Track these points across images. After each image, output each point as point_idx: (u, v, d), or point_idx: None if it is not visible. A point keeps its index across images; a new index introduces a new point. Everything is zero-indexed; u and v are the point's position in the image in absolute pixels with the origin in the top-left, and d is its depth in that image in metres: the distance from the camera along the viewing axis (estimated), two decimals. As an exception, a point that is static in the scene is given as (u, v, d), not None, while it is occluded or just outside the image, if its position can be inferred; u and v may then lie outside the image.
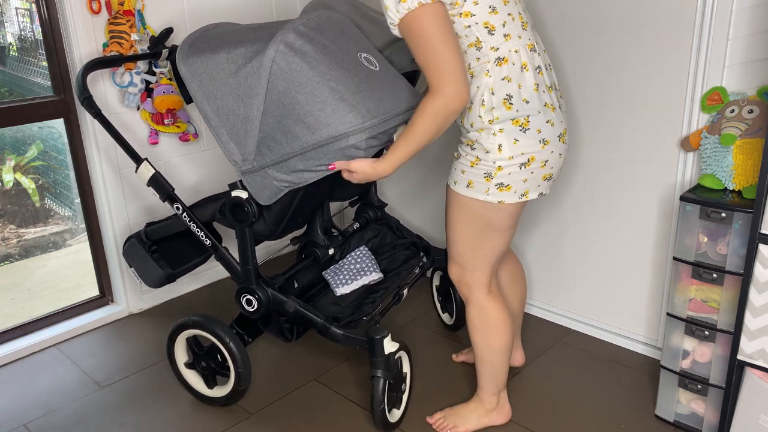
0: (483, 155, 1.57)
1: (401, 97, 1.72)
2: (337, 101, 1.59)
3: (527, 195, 1.63)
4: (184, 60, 1.75)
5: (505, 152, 1.55)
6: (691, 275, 1.78)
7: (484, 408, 1.92)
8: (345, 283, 2.17)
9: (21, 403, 2.13)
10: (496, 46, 1.51)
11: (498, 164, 1.57)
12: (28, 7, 2.41)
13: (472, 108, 1.56)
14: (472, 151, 1.60)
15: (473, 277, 1.75)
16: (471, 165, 1.60)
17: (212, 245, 1.98)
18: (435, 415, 1.96)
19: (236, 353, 1.93)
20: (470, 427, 1.91)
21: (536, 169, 1.59)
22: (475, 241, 1.69)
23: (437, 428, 1.92)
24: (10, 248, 2.74)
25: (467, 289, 1.78)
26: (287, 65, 1.60)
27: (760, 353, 1.61)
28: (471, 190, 1.62)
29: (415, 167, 2.83)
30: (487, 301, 1.77)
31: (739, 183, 1.76)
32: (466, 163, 1.61)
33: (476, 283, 1.76)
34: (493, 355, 1.82)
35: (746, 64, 1.83)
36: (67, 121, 2.46)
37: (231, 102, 1.70)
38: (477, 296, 1.77)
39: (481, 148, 1.57)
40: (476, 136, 1.58)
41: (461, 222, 1.68)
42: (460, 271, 1.77)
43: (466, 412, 1.93)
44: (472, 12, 1.48)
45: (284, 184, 1.74)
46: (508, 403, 1.95)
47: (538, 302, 2.56)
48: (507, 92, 1.52)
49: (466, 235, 1.70)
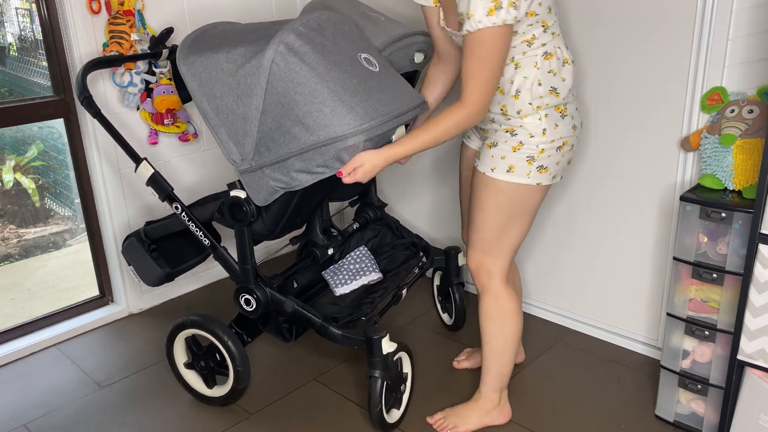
0: (526, 140, 1.67)
1: (400, 99, 1.72)
2: (335, 102, 1.59)
3: (556, 178, 1.74)
4: (184, 59, 1.75)
5: (548, 136, 1.66)
6: (691, 275, 1.78)
7: (485, 407, 1.92)
8: (344, 283, 2.17)
9: (21, 403, 2.13)
10: (545, 42, 1.62)
11: (541, 147, 1.67)
12: (28, 7, 2.42)
13: (519, 96, 1.64)
14: (513, 137, 1.68)
15: (495, 264, 1.79)
16: (513, 150, 1.68)
17: (211, 245, 1.98)
18: (435, 416, 1.96)
19: (235, 352, 1.93)
20: (470, 427, 1.91)
21: (566, 152, 1.72)
22: (505, 226, 1.75)
23: (438, 428, 1.92)
24: (10, 248, 2.74)
25: (487, 277, 1.81)
26: (286, 66, 1.60)
27: (760, 353, 1.61)
28: (511, 175, 1.69)
29: (414, 167, 2.83)
30: (503, 290, 1.81)
31: (739, 183, 1.75)
32: (507, 148, 1.68)
33: (497, 271, 1.80)
34: (504, 345, 1.85)
35: (746, 64, 1.82)
36: (67, 121, 2.47)
37: (230, 101, 1.70)
38: (496, 285, 1.81)
39: (525, 133, 1.66)
40: (520, 122, 1.67)
41: (494, 207, 1.73)
42: (482, 258, 1.80)
43: (466, 411, 1.93)
44: (536, 12, 1.56)
45: (280, 184, 1.74)
46: (508, 403, 1.96)
47: (538, 302, 2.56)
48: (552, 84, 1.64)
49: (496, 221, 1.75)
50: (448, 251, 2.34)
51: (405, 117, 1.71)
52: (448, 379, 2.18)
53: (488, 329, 1.85)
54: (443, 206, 2.78)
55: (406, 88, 1.78)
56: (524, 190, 1.71)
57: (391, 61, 2.03)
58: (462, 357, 2.26)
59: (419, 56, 2.12)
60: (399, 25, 2.07)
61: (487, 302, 1.83)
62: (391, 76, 1.78)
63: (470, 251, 1.83)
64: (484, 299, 1.83)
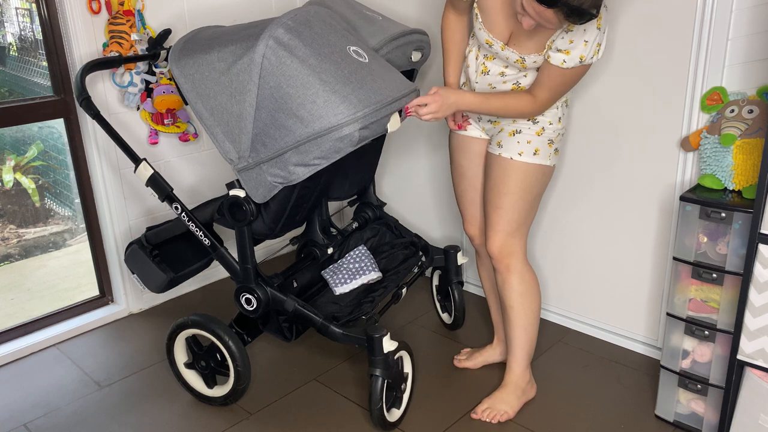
0: (547, 126, 1.82)
1: (392, 86, 1.73)
2: (328, 93, 1.60)
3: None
4: (176, 62, 1.76)
5: (562, 123, 1.85)
6: (691, 275, 1.78)
7: (520, 386, 2.00)
8: (344, 283, 2.17)
9: (21, 403, 2.13)
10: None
11: (557, 132, 1.85)
12: (28, 7, 2.42)
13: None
14: (536, 124, 1.82)
15: (519, 244, 1.90)
16: (537, 134, 1.82)
17: (211, 245, 1.98)
18: (478, 409, 1.99)
19: (235, 352, 1.93)
20: (516, 408, 1.98)
21: (563, 137, 1.92)
22: (529, 207, 1.88)
23: (487, 419, 1.96)
24: (10, 248, 2.74)
25: (511, 257, 1.89)
26: (277, 60, 1.61)
27: (760, 353, 1.61)
28: (537, 157, 1.83)
29: (414, 167, 2.83)
30: (527, 267, 1.92)
31: (739, 183, 1.75)
32: (531, 133, 1.82)
33: (520, 249, 1.90)
34: (532, 321, 1.94)
35: (746, 64, 1.82)
36: (67, 121, 2.47)
37: (224, 100, 1.71)
38: (520, 262, 1.90)
39: (545, 120, 1.82)
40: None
41: (521, 190, 1.84)
42: (506, 240, 1.88)
43: (505, 395, 1.99)
44: None
45: (278, 179, 1.74)
46: (534, 380, 2.07)
47: (538, 302, 2.56)
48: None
49: (525, 202, 1.86)
50: (447, 250, 2.34)
51: (398, 104, 1.71)
52: (448, 378, 2.18)
53: (517, 307, 1.92)
54: (442, 205, 2.78)
55: (397, 76, 1.79)
56: (545, 171, 1.85)
57: (389, 59, 2.03)
58: (462, 356, 2.26)
59: (416, 54, 2.13)
60: (396, 23, 2.08)
61: (514, 281, 1.90)
62: (382, 65, 1.79)
63: (492, 235, 1.89)
64: (511, 278, 1.90)
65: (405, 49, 2.06)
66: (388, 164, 2.94)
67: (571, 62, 1.66)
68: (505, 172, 1.84)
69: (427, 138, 2.73)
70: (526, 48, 1.72)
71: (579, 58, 1.65)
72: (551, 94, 1.74)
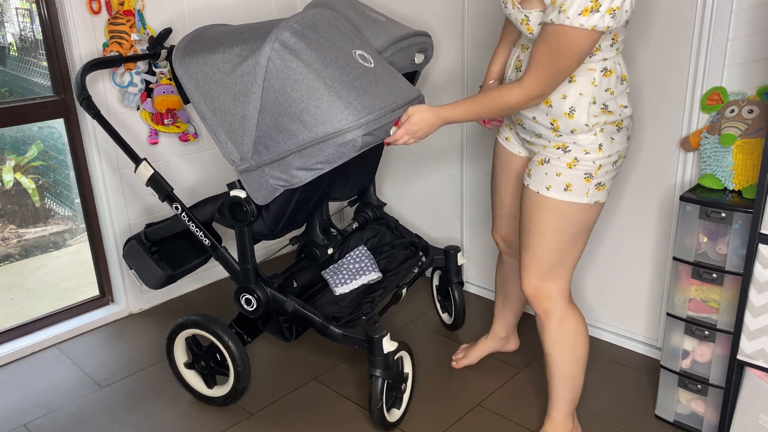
0: (581, 156, 1.55)
1: (396, 92, 1.72)
2: (332, 98, 1.59)
3: (608, 194, 1.63)
4: (180, 61, 1.75)
5: (605, 151, 1.55)
6: (690, 275, 1.78)
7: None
8: (344, 283, 2.17)
9: (21, 403, 2.13)
10: (606, 56, 1.50)
11: (598, 163, 1.56)
12: (28, 7, 2.42)
13: (574, 115, 1.52)
14: (566, 154, 1.56)
15: (557, 287, 1.67)
16: (568, 167, 1.56)
17: (211, 245, 1.98)
18: None
19: (235, 352, 1.93)
20: None
21: (619, 165, 1.61)
22: (566, 248, 1.63)
23: None
24: (10, 248, 2.74)
25: (550, 301, 1.68)
26: (283, 63, 1.61)
27: (760, 353, 1.61)
28: (569, 194, 1.57)
29: (414, 166, 2.83)
30: (568, 312, 1.70)
31: (739, 183, 1.75)
32: (562, 165, 1.57)
33: (560, 293, 1.68)
34: (576, 370, 1.74)
35: (746, 64, 1.82)
36: (67, 121, 2.47)
37: (228, 101, 1.70)
38: (560, 308, 1.69)
39: (580, 149, 1.55)
40: (572, 138, 1.55)
41: (553, 229, 1.61)
42: (541, 284, 1.67)
43: None
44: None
45: (280, 182, 1.74)
46: (578, 421, 1.86)
47: (538, 302, 2.56)
48: (605, 101, 1.53)
49: (558, 244, 1.62)
50: (448, 250, 2.34)
51: (402, 111, 1.71)
52: (448, 378, 2.18)
53: (557, 356, 1.72)
54: (442, 206, 2.78)
55: (402, 82, 1.79)
56: (584, 209, 1.59)
57: (392, 61, 2.03)
58: (459, 355, 2.25)
59: (420, 57, 2.13)
60: (399, 25, 2.08)
61: (552, 327, 1.70)
62: (387, 71, 1.79)
63: (525, 275, 1.69)
64: (548, 324, 1.70)
65: (408, 51, 2.06)
66: (389, 164, 2.94)
67: (565, 17, 1.35)
68: (532, 208, 1.62)
69: (428, 138, 2.73)
70: (530, 3, 1.48)
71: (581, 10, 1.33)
72: (537, 70, 1.45)
